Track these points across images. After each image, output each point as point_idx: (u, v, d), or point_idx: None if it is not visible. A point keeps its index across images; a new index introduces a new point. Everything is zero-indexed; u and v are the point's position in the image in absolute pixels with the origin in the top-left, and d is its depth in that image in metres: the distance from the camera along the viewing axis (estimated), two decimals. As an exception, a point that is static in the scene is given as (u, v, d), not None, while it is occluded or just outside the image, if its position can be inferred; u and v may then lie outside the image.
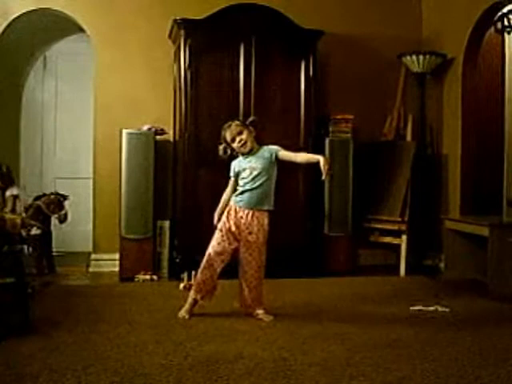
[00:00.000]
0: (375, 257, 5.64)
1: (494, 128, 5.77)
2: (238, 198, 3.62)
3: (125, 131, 4.96)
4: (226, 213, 3.64)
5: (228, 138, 3.62)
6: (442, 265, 5.23)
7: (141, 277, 4.85)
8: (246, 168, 3.61)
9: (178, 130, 5.11)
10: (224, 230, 3.60)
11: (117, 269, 5.02)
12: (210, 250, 3.62)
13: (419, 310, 3.83)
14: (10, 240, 4.39)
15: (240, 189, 3.63)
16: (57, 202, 4.98)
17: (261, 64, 4.98)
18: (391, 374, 2.62)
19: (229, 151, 3.69)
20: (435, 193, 5.57)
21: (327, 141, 5.26)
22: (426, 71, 5.49)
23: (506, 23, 5.43)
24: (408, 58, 5.46)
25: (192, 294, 3.65)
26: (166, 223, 5.17)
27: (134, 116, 5.26)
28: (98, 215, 5.37)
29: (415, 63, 5.43)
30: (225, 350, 2.94)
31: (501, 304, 4.02)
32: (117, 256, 5.02)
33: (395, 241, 5.32)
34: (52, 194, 5.07)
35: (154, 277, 4.91)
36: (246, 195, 3.59)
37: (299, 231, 5.06)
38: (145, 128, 5.06)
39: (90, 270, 5.30)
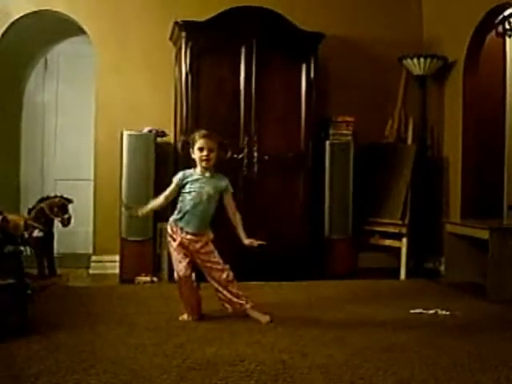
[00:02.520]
0: (376, 260, 5.63)
1: (495, 131, 5.78)
2: (182, 223, 3.57)
3: (125, 133, 4.96)
4: (169, 234, 3.64)
5: (198, 144, 3.54)
6: (442, 268, 5.23)
7: (141, 279, 4.85)
8: (197, 188, 3.56)
9: (178, 132, 5.11)
10: (176, 248, 3.56)
11: (117, 271, 5.02)
12: (176, 273, 3.57)
13: (419, 313, 3.83)
14: (12, 241, 4.40)
15: (184, 210, 3.56)
16: (60, 206, 4.95)
17: (262, 66, 4.98)
18: (391, 378, 2.62)
19: (185, 149, 3.66)
20: (436, 196, 5.57)
21: (328, 143, 5.26)
22: (427, 74, 5.48)
23: (506, 26, 5.45)
24: (409, 60, 5.46)
25: (186, 317, 3.61)
26: (167, 225, 5.15)
27: (135, 118, 5.26)
28: (99, 217, 5.37)
29: (416, 66, 5.43)
30: (225, 353, 2.94)
31: (501, 307, 4.02)
32: (117, 258, 5.02)
33: (396, 244, 5.32)
34: (56, 196, 5.04)
35: (155, 279, 4.90)
36: (190, 220, 3.56)
37: (300, 234, 5.05)
38: (145, 130, 5.06)
39: (91, 271, 5.30)
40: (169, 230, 3.64)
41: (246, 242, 3.59)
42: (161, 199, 3.63)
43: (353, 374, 2.65)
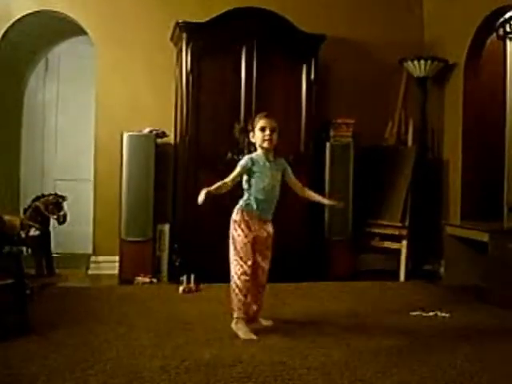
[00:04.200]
0: (375, 261, 5.63)
1: (495, 133, 5.76)
2: (259, 211, 3.39)
3: (126, 134, 4.96)
4: (238, 226, 3.36)
5: (260, 124, 3.37)
6: (442, 270, 5.22)
7: (140, 279, 4.84)
8: (267, 174, 3.38)
9: (178, 132, 5.11)
10: (247, 243, 3.33)
11: (116, 271, 5.01)
12: (238, 272, 3.32)
13: (419, 316, 3.83)
14: (9, 241, 4.40)
15: (259, 198, 3.37)
16: (55, 203, 4.96)
17: (262, 67, 4.97)
18: (390, 379, 2.62)
19: (243, 136, 3.49)
20: (436, 198, 5.57)
21: (328, 145, 5.26)
22: (428, 76, 5.49)
23: (507, 29, 5.44)
24: (410, 62, 5.46)
25: (242, 326, 3.31)
26: (166, 226, 5.16)
27: (135, 118, 5.26)
28: (98, 217, 5.37)
29: (417, 68, 5.44)
30: (223, 354, 2.93)
31: (500, 310, 4.01)
32: (116, 258, 5.02)
33: (395, 246, 5.31)
34: (51, 194, 5.06)
35: (154, 280, 4.90)
36: (261, 205, 3.39)
37: (300, 235, 5.05)
38: (146, 131, 5.06)
39: (90, 272, 5.29)
40: (241, 218, 3.37)
41: (327, 201, 3.64)
42: (228, 182, 3.31)
43: (352, 376, 2.65)
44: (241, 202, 3.43)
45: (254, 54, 4.95)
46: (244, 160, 3.39)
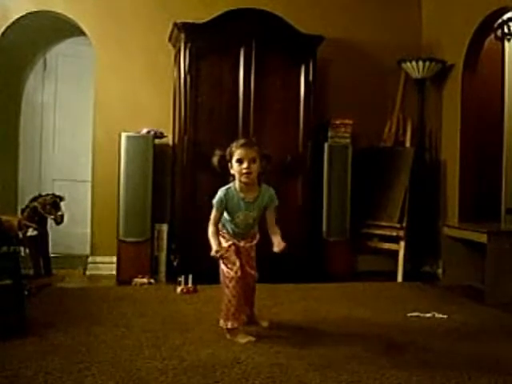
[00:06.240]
0: (373, 262, 5.63)
1: (493, 134, 5.79)
2: (230, 232, 3.28)
3: (124, 134, 4.96)
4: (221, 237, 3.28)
5: (236, 155, 3.09)
6: (439, 271, 5.23)
7: (138, 280, 4.83)
8: (239, 215, 3.20)
9: (177, 133, 5.11)
10: (229, 248, 3.24)
11: (114, 272, 5.01)
12: (227, 273, 3.20)
13: (416, 317, 3.83)
14: (6, 241, 4.39)
15: (227, 223, 3.27)
16: (53, 203, 4.95)
17: (261, 68, 4.97)
18: (388, 380, 2.62)
19: (223, 166, 3.23)
20: (434, 199, 5.57)
21: (326, 146, 5.26)
22: (426, 77, 5.50)
23: (505, 30, 5.46)
24: (408, 64, 5.47)
25: (241, 338, 3.19)
26: (164, 226, 5.16)
27: (134, 119, 5.26)
28: (96, 218, 5.37)
29: (415, 69, 5.44)
30: (221, 355, 2.93)
31: (498, 311, 4.02)
32: (114, 259, 5.01)
33: (393, 247, 5.32)
34: (48, 195, 5.05)
35: (152, 280, 4.89)
36: (236, 233, 3.28)
37: (298, 236, 5.04)
38: (144, 131, 5.06)
39: (88, 272, 5.28)
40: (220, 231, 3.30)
41: (276, 245, 3.26)
42: (214, 228, 3.17)
43: (350, 377, 2.65)
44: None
45: (253, 55, 4.95)
46: (218, 197, 3.17)
